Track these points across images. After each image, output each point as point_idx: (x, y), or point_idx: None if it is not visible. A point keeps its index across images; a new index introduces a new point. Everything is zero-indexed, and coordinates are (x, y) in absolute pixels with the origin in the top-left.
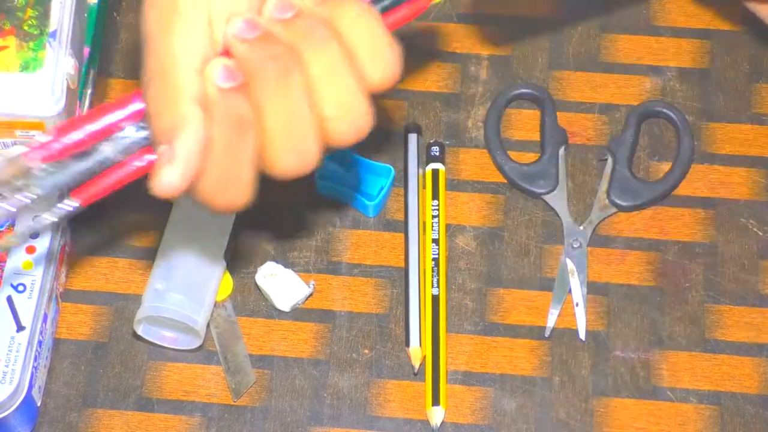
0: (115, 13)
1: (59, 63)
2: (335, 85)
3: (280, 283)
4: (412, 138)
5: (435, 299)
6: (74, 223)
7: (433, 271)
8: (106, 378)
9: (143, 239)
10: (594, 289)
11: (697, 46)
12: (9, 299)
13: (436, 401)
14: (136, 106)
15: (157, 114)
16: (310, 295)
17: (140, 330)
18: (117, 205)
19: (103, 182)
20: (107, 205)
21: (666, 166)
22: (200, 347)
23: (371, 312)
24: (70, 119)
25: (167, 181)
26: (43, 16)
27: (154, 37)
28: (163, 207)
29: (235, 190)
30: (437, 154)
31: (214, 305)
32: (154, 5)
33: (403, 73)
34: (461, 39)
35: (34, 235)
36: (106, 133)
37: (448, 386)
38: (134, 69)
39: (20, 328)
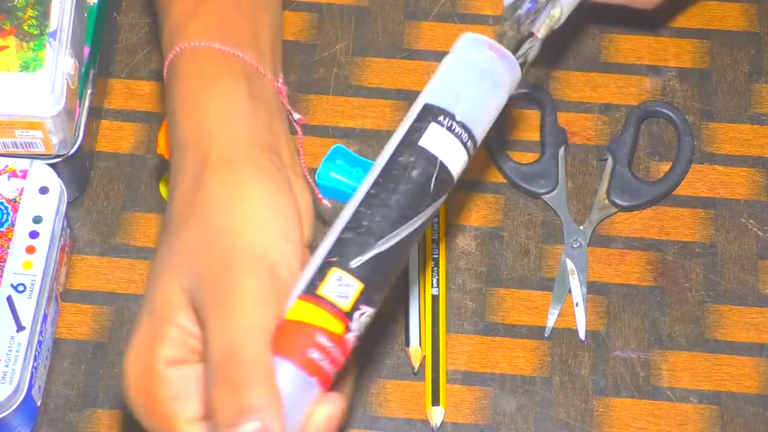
0: (115, 13)
1: (59, 63)
2: None
3: None
4: None
5: (435, 299)
6: (74, 223)
7: (432, 271)
8: (106, 378)
9: (143, 239)
10: (594, 289)
11: (697, 46)
12: (9, 299)
13: (435, 401)
14: None
15: None
16: None
17: None
18: (117, 204)
19: None
20: (107, 205)
21: (666, 166)
22: None
23: None
24: None
25: None
26: (43, 16)
27: None
28: (164, 207)
29: None
30: None
31: None
32: None
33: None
34: None
35: None
36: None
37: (447, 386)
38: (134, 69)
39: (20, 328)
